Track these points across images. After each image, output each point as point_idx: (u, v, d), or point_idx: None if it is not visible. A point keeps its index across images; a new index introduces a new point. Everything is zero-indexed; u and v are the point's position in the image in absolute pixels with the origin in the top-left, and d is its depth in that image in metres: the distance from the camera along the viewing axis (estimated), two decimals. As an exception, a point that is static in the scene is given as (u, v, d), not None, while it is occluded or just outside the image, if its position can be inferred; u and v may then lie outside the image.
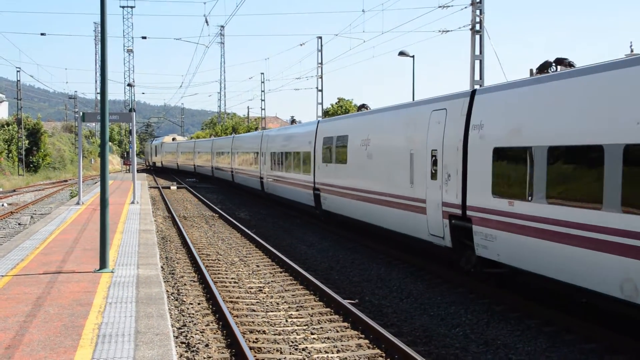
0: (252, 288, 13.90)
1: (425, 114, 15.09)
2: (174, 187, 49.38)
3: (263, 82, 72.74)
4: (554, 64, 11.77)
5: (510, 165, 11.73)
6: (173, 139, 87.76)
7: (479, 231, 12.49)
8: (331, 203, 21.60)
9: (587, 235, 9.46)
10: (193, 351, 9.35)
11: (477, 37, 24.50)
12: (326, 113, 53.50)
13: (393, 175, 16.58)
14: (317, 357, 9.26)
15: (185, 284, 14.05)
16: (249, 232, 21.90)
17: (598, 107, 9.63)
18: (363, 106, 22.52)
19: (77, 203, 28.17)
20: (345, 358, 9.27)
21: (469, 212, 12.87)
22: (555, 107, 10.55)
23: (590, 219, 9.39)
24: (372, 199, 17.97)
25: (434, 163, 14.37)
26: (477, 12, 24.42)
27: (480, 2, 24.43)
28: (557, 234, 10.14)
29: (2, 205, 35.29)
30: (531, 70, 12.44)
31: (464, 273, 13.75)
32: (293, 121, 44.19)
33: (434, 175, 14.37)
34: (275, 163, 30.12)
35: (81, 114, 26.82)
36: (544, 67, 12.12)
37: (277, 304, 12.54)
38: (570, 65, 11.42)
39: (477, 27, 24.58)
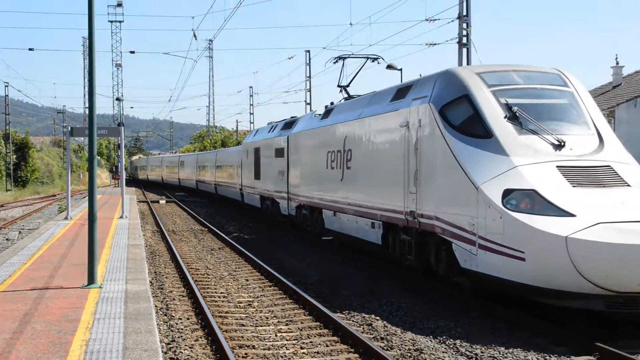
0: (241, 302, 13.85)
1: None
2: (162, 202, 49.24)
3: (252, 96, 72.99)
4: None
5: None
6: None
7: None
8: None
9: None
10: (182, 367, 9.29)
11: (464, 50, 24.66)
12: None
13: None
14: (307, 372, 9.22)
15: (174, 299, 13.97)
16: (238, 246, 21.87)
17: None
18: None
19: (66, 218, 28.02)
20: (335, 372, 9.24)
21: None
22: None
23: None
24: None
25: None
26: (464, 25, 24.59)
27: (466, 15, 24.62)
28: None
29: (-10, 220, 35.01)
30: None
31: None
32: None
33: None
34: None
35: (69, 128, 26.72)
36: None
37: (267, 318, 12.50)
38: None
39: (464, 40, 24.74)
